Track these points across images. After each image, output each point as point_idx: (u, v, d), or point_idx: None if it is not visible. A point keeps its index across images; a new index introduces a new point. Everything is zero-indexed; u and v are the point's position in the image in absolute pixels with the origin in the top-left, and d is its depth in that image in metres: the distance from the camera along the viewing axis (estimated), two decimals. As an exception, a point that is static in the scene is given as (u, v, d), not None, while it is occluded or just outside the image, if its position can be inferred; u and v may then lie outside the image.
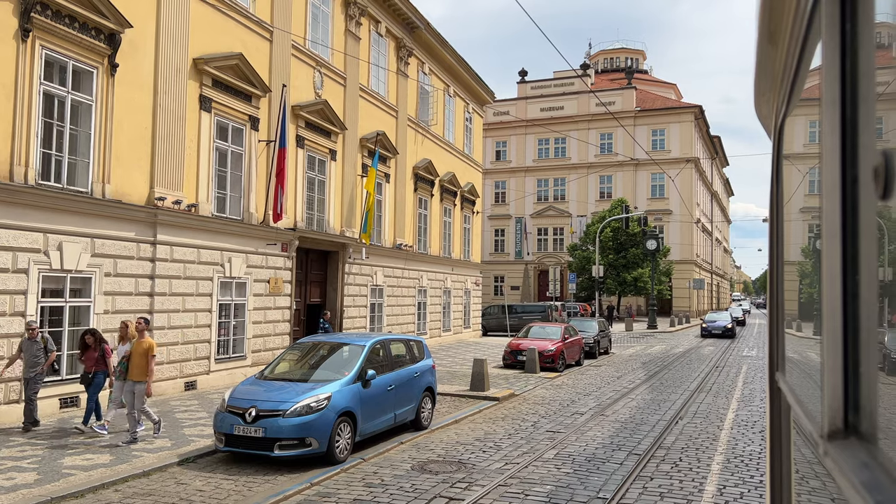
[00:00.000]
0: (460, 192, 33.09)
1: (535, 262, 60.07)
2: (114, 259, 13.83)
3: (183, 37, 15.65)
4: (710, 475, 9.65)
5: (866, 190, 0.88)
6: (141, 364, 10.68)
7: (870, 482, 0.75)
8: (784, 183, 2.03)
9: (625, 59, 78.48)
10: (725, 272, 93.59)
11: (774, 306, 2.09)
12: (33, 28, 12.12)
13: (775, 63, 1.76)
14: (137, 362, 10.70)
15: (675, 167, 55.26)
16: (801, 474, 1.79)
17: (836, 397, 0.98)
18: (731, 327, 38.31)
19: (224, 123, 17.19)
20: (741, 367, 23.82)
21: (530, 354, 20.72)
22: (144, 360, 10.69)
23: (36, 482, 8.39)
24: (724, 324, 38.34)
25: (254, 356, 17.95)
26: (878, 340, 0.92)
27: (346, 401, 10.20)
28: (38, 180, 12.31)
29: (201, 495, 8.39)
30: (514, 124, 60.57)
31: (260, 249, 18.20)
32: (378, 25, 25.19)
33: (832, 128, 1.01)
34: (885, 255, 0.90)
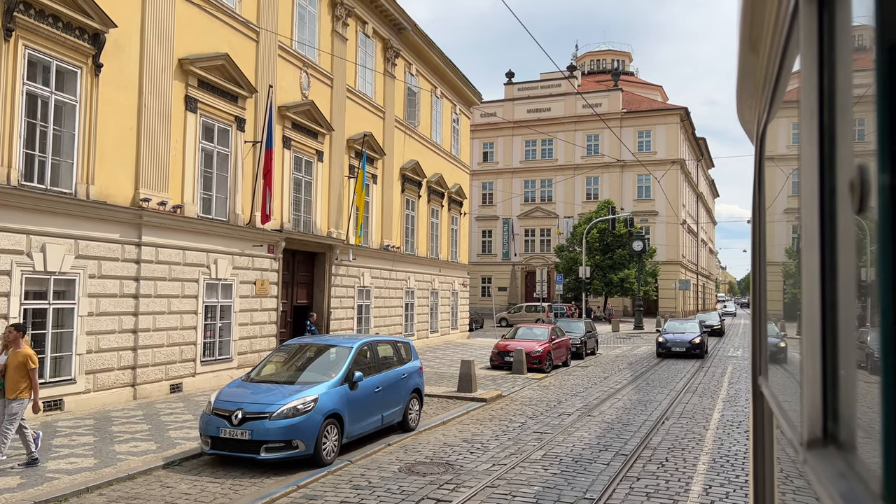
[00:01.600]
0: (448, 193, 33.09)
1: (523, 263, 60.18)
2: (98, 261, 13.71)
3: (168, 37, 15.55)
4: (696, 475, 9.70)
5: (843, 201, 0.89)
6: (15, 378, 8.99)
7: (847, 493, 0.76)
8: (766, 188, 2.04)
9: (611, 61, 78.86)
10: (711, 273, 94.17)
11: (757, 310, 2.11)
12: (16, 28, 12.00)
13: (757, 70, 1.78)
14: (12, 376, 8.99)
15: (661, 168, 55.57)
16: (785, 476, 1.80)
17: (814, 406, 0.99)
18: (699, 342, 26.70)
19: (210, 124, 17.09)
20: (727, 367, 23.97)
21: (517, 355, 20.75)
22: (20, 373, 9.02)
23: (19, 486, 8.30)
24: (691, 337, 27.00)
25: (240, 358, 17.86)
26: (856, 350, 0.93)
27: (332, 403, 10.17)
28: (21, 181, 12.19)
29: (187, 498, 8.34)
30: (501, 125, 60.68)
31: (246, 251, 18.11)
32: (365, 26, 25.15)
33: (810, 138, 1.02)
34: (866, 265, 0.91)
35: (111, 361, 13.98)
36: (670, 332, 28.20)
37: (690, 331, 28.15)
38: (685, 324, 29.90)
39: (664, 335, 27.93)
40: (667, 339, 27.45)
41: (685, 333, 27.84)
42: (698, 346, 26.43)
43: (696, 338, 26.36)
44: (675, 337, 27.44)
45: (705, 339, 27.52)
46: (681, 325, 29.65)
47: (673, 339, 27.30)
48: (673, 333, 27.96)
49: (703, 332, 27.70)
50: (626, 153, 51.94)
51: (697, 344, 26.42)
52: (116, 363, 14.09)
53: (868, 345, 0.90)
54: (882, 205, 0.74)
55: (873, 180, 0.76)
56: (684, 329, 28.66)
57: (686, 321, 31.42)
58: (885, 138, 0.72)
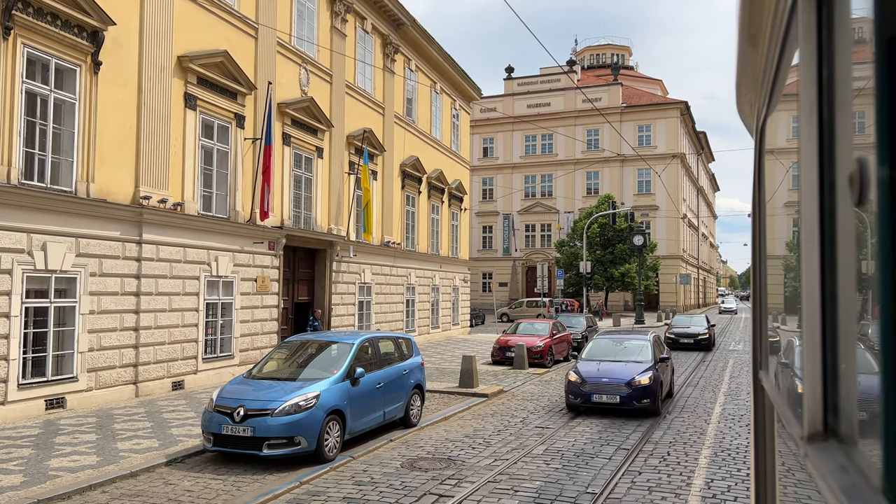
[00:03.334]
0: (448, 188, 33.07)
1: (523, 258, 60.17)
2: (99, 259, 13.72)
3: (167, 34, 15.53)
4: (698, 469, 9.72)
5: (843, 195, 0.89)
6: None
7: (848, 486, 0.76)
8: (766, 181, 2.04)
9: (611, 56, 78.66)
10: (712, 267, 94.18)
11: (758, 304, 2.11)
12: (15, 26, 11.98)
13: (756, 63, 1.77)
14: None
15: (662, 163, 55.50)
16: (787, 469, 1.81)
17: (815, 400, 0.99)
18: (646, 386, 13.49)
19: (209, 121, 17.08)
20: (728, 361, 23.98)
21: (519, 351, 20.77)
22: None
23: (22, 484, 8.32)
24: (630, 377, 13.65)
25: (241, 355, 17.88)
26: (856, 343, 0.93)
27: (334, 399, 10.18)
28: (21, 180, 12.19)
29: (190, 495, 8.36)
30: (501, 121, 60.63)
31: (247, 248, 18.11)
32: (364, 22, 25.11)
33: (810, 131, 1.02)
34: (866, 259, 0.91)
35: (113, 359, 14.00)
36: (585, 376, 21.76)
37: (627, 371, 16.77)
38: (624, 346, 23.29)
39: (580, 376, 20.73)
40: (586, 381, 19.46)
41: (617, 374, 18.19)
42: (642, 391, 13.59)
43: (644, 376, 13.54)
44: (597, 379, 20.56)
45: (657, 385, 13.65)
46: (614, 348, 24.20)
47: (595, 382, 20.35)
48: (591, 378, 21.70)
49: (654, 363, 14.17)
50: (627, 147, 51.89)
51: (642, 389, 13.57)
52: (118, 361, 14.11)
53: (868, 338, 0.90)
54: (882, 198, 0.74)
55: (873, 173, 0.76)
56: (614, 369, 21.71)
57: (630, 340, 24.79)
58: (885, 131, 0.72)
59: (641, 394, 13.24)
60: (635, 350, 14.80)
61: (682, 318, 30.48)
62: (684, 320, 29.96)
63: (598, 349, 15.29)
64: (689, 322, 29.32)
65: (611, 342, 15.59)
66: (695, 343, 27.38)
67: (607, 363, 14.23)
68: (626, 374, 13.56)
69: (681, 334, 27.98)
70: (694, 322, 29.20)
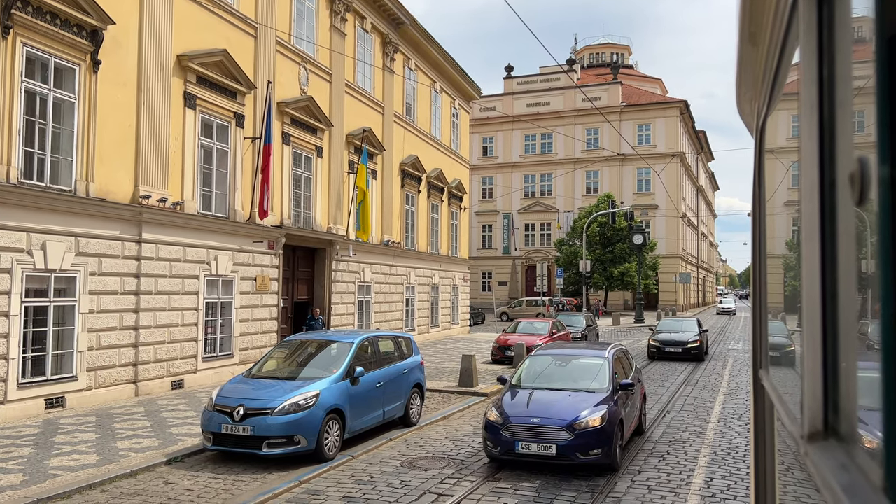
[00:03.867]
0: (447, 188, 33.07)
1: (523, 257, 60.17)
2: (98, 258, 13.71)
3: (166, 33, 15.52)
4: (698, 468, 9.72)
5: (843, 194, 0.89)
6: None
7: (848, 485, 0.76)
8: (766, 180, 2.04)
9: (610, 55, 78.64)
10: (711, 266, 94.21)
11: (758, 303, 2.11)
12: (14, 25, 11.97)
13: (756, 62, 1.77)
14: None
15: (661, 162, 55.49)
16: (786, 468, 1.81)
17: (815, 398, 0.99)
18: (597, 430, 9.17)
19: (209, 120, 17.07)
20: (727, 359, 23.99)
21: (518, 350, 20.75)
22: None
23: (22, 483, 8.32)
24: (573, 415, 9.24)
25: (241, 354, 17.87)
26: (857, 342, 0.93)
27: (334, 398, 10.18)
28: (20, 179, 12.18)
29: (189, 494, 8.36)
30: (500, 120, 60.61)
31: (246, 247, 18.11)
32: (363, 21, 25.09)
33: (810, 130, 1.02)
34: (865, 257, 0.91)
35: (112, 358, 13.99)
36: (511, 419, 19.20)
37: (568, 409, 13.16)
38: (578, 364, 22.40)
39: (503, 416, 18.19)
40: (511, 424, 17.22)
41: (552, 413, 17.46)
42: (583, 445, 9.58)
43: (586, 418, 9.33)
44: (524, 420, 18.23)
45: (611, 423, 9.54)
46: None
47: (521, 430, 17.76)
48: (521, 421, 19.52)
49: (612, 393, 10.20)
50: (626, 147, 51.89)
51: (582, 441, 9.47)
52: (118, 360, 14.11)
53: (869, 337, 0.90)
54: (882, 197, 0.74)
55: (873, 172, 0.76)
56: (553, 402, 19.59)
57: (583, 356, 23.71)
58: (885, 130, 0.72)
59: (590, 441, 9.06)
60: (586, 372, 10.49)
61: (669, 323, 25.71)
62: (671, 325, 25.29)
63: (534, 371, 10.87)
64: (677, 327, 24.94)
65: (554, 360, 11.21)
66: (683, 352, 23.13)
67: (544, 393, 9.94)
68: (567, 412, 9.24)
69: (666, 342, 23.53)
70: (682, 327, 24.88)
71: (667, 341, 23.53)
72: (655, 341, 23.84)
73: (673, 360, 23.17)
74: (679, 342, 23.37)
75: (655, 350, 23.62)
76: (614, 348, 11.39)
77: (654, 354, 23.60)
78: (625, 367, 11.27)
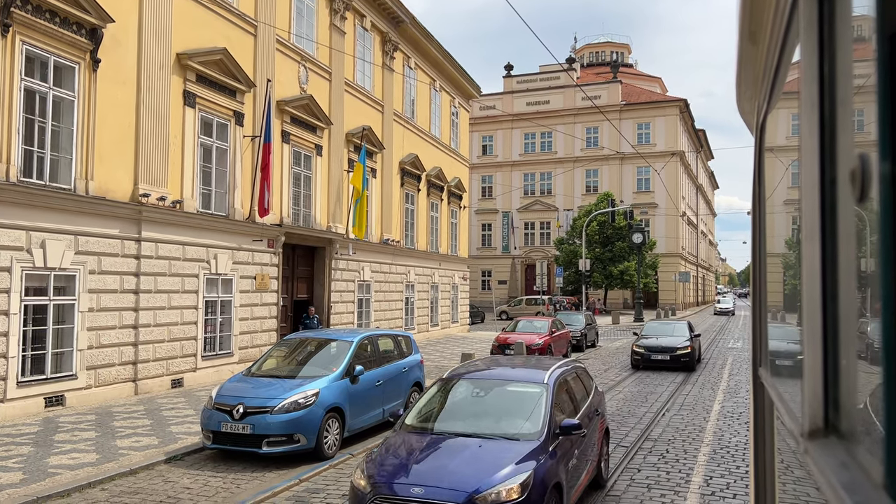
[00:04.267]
0: (447, 186, 33.06)
1: (522, 256, 60.18)
2: (98, 256, 13.71)
3: (166, 31, 15.51)
4: (697, 466, 9.73)
5: (844, 192, 0.89)
6: None
7: (849, 483, 0.76)
8: (766, 179, 2.04)
9: (610, 53, 78.65)
10: (711, 265, 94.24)
11: (757, 301, 2.11)
12: (13, 23, 11.96)
13: (756, 60, 1.77)
14: None
15: (661, 161, 55.50)
16: (786, 466, 1.81)
17: (815, 396, 0.99)
18: None
19: (208, 119, 17.06)
20: (727, 358, 24.00)
21: (518, 348, 20.76)
22: None
23: (22, 482, 8.33)
24: (475, 486, 5.92)
25: (241, 353, 17.88)
26: (857, 339, 0.93)
27: (333, 397, 10.19)
28: (19, 177, 12.18)
29: (189, 493, 8.36)
30: (500, 118, 60.60)
31: (245, 246, 18.11)
32: (363, 20, 25.08)
33: (810, 128, 1.02)
34: (866, 255, 0.91)
35: (112, 357, 13.99)
36: None
37: None
38: None
39: None
40: None
41: None
42: None
43: None
44: None
45: None
46: None
47: None
48: None
49: (544, 443, 6.70)
50: (626, 145, 51.91)
51: None
52: (117, 359, 14.11)
53: (869, 335, 0.90)
54: (883, 195, 0.74)
55: (874, 170, 0.76)
56: None
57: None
58: (886, 128, 0.72)
59: None
60: (514, 407, 7.45)
61: (656, 326, 23.07)
62: (659, 328, 22.57)
63: (440, 404, 7.80)
64: (665, 330, 22.03)
65: (470, 389, 7.98)
66: (671, 360, 20.07)
67: (446, 443, 6.80)
68: (470, 476, 6.11)
69: (652, 348, 20.45)
70: (672, 330, 21.88)
71: (653, 347, 20.35)
72: (640, 347, 20.60)
73: (660, 369, 20.10)
74: (667, 348, 20.18)
75: (640, 358, 20.37)
76: (562, 368, 8.27)
77: (639, 363, 20.42)
78: (574, 396, 8.11)
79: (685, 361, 19.97)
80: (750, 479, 2.17)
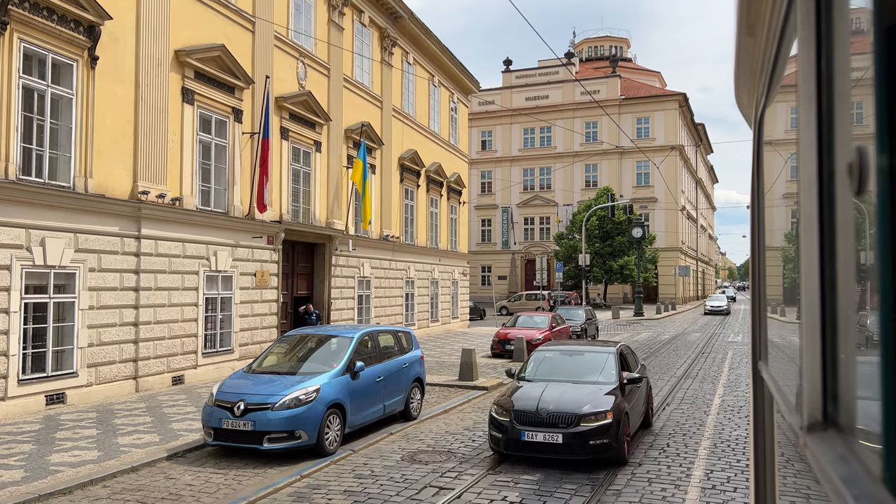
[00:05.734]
0: (446, 182, 33.05)
1: (522, 251, 60.20)
2: (98, 254, 13.71)
3: (164, 28, 15.47)
4: (698, 460, 9.75)
5: (842, 185, 0.89)
6: None
7: (848, 476, 0.76)
8: (765, 172, 2.04)
9: (609, 48, 78.53)
10: (710, 259, 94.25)
11: (757, 295, 2.11)
12: (11, 21, 11.93)
13: (754, 54, 1.77)
14: None
15: (660, 155, 55.46)
16: (786, 460, 1.81)
17: (814, 389, 0.99)
18: None
19: (207, 116, 17.04)
20: (727, 352, 24.03)
21: (518, 343, 20.78)
22: None
23: (23, 479, 8.34)
24: None
25: (241, 350, 17.89)
26: (856, 333, 0.93)
27: (334, 393, 10.20)
28: (18, 175, 12.17)
29: (191, 489, 8.38)
30: (499, 114, 60.53)
31: (245, 242, 18.10)
32: (361, 15, 25.03)
33: (808, 122, 1.01)
34: (864, 248, 0.91)
35: (113, 354, 14.00)
36: None
37: None
38: None
39: None
40: None
41: None
42: None
43: None
44: None
45: None
46: None
47: None
48: None
49: None
50: (625, 140, 51.86)
51: None
52: (118, 356, 14.12)
53: (867, 328, 0.90)
54: (880, 188, 0.74)
55: (871, 163, 0.76)
56: None
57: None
58: (883, 121, 0.72)
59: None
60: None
61: (551, 360, 11.13)
62: (557, 363, 10.98)
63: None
64: (567, 370, 10.71)
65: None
66: (565, 445, 9.04)
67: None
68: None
69: (528, 416, 9.29)
70: (582, 369, 10.68)
71: (529, 415, 9.29)
72: (503, 413, 9.52)
73: (542, 465, 9.38)
74: (556, 419, 9.16)
75: (501, 437, 9.40)
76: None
77: (499, 447, 9.49)
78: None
79: (597, 447, 9.04)
80: (750, 473, 2.17)
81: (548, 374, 10.54)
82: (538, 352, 11.48)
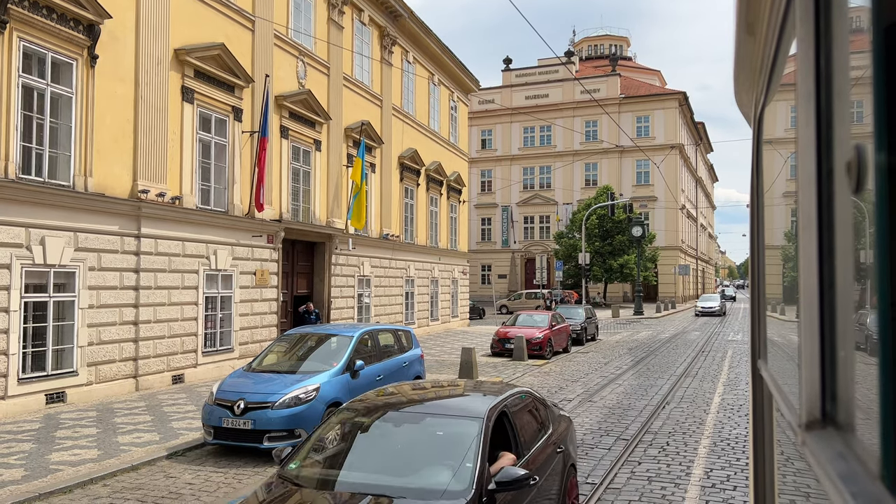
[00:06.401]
0: (446, 181, 33.04)
1: (522, 250, 60.21)
2: (98, 253, 13.71)
3: (163, 27, 15.47)
4: (697, 459, 9.75)
5: (841, 184, 0.89)
6: None
7: (846, 474, 0.76)
8: (764, 171, 2.04)
9: (609, 46, 78.50)
10: (710, 257, 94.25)
11: (756, 293, 2.11)
12: (10, 20, 11.93)
13: (754, 53, 1.77)
14: None
15: (660, 154, 55.46)
16: (785, 458, 1.81)
17: (813, 387, 1.00)
18: None
19: (207, 115, 17.03)
20: (727, 351, 24.04)
21: (518, 342, 20.79)
22: None
23: (23, 478, 8.34)
24: None
25: (241, 348, 17.90)
26: (854, 331, 0.93)
27: (334, 392, 10.20)
28: (18, 174, 12.16)
29: (191, 488, 8.38)
30: (499, 112, 60.53)
31: (245, 241, 18.10)
32: (361, 14, 25.02)
33: (807, 121, 1.02)
34: (863, 247, 0.91)
35: (113, 353, 14.01)
36: None
37: None
38: None
39: None
40: None
41: None
42: None
43: None
44: None
45: None
46: None
47: None
48: None
49: None
50: (625, 139, 51.86)
51: None
52: (118, 355, 14.13)
53: (866, 326, 0.90)
54: (879, 186, 0.74)
55: (870, 162, 0.76)
56: None
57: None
58: (882, 119, 0.72)
59: None
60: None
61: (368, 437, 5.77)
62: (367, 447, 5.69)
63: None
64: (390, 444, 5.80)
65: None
66: None
67: None
68: None
69: None
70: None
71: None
72: None
73: None
74: None
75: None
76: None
77: None
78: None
79: None
80: (749, 471, 2.17)
81: (351, 465, 5.30)
82: (342, 412, 5.98)
